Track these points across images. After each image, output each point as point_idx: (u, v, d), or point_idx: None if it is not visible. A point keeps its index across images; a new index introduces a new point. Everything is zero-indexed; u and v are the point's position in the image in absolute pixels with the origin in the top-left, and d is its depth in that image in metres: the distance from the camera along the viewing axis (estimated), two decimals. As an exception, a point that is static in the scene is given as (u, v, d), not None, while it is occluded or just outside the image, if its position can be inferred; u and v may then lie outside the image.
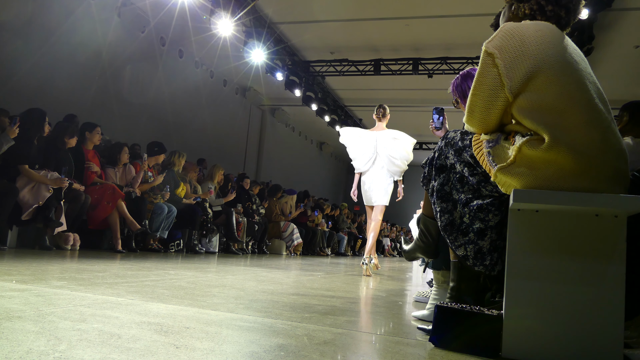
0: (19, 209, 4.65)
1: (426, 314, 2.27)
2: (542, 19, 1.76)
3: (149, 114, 8.83)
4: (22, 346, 1.18)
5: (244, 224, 8.19)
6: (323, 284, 3.78)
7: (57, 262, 3.65)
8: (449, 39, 8.95)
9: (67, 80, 7.08)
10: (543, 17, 1.77)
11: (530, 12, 1.78)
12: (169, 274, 3.42)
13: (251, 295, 2.65)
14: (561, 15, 1.76)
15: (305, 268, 5.74)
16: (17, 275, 2.56)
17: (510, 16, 1.87)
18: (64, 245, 5.04)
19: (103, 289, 2.33)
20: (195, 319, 1.77)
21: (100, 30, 7.61)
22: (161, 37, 9.10)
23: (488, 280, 1.92)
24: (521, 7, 1.81)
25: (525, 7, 1.79)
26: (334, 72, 10.36)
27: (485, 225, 1.77)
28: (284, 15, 8.54)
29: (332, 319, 2.04)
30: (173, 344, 1.36)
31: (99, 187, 5.59)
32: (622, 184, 1.55)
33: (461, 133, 1.86)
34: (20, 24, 6.36)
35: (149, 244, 6.26)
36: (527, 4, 1.79)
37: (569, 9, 1.76)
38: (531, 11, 1.78)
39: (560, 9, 1.75)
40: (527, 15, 1.79)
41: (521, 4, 1.81)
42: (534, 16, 1.78)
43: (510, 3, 1.86)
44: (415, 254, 2.24)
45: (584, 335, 1.49)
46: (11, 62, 6.28)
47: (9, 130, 4.48)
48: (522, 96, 1.61)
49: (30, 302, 1.77)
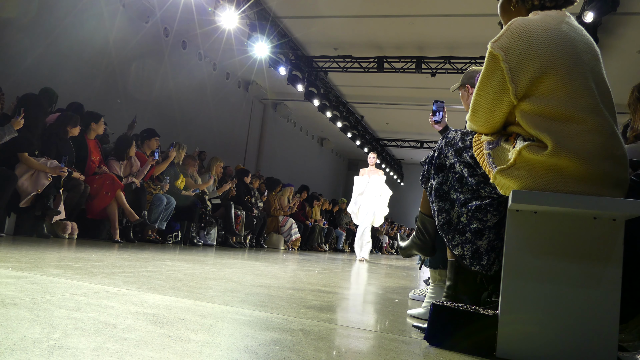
0: (18, 196, 4.64)
1: (422, 312, 2.27)
2: (552, 5, 1.73)
3: (153, 105, 8.82)
4: (17, 333, 1.18)
5: (243, 217, 8.20)
6: (320, 279, 3.79)
7: (55, 250, 3.65)
8: (453, 38, 8.93)
9: (73, 72, 7.08)
10: (552, 2, 1.73)
11: (539, 1, 1.74)
12: (166, 266, 3.42)
13: (247, 288, 2.65)
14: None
15: (302, 263, 5.74)
16: (13, 262, 2.56)
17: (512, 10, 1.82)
18: (62, 233, 5.04)
19: (100, 278, 2.33)
20: (191, 310, 1.77)
21: (105, 21, 7.61)
22: (165, 28, 9.08)
23: (485, 280, 1.92)
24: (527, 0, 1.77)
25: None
26: (337, 68, 10.34)
27: (483, 226, 1.76)
28: (288, 9, 8.52)
29: (328, 315, 2.04)
30: (168, 335, 1.36)
31: (98, 177, 5.59)
32: (622, 189, 1.55)
33: (462, 133, 1.85)
34: (26, 16, 6.34)
35: (147, 234, 6.27)
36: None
37: None
38: (540, 0, 1.74)
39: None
40: (535, 6, 1.75)
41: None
42: (543, 5, 1.74)
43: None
44: (412, 251, 2.24)
45: (579, 337, 1.49)
46: (17, 54, 6.27)
47: (13, 121, 4.48)
48: (526, 100, 1.60)
49: (26, 290, 1.77)
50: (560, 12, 1.70)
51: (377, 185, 8.54)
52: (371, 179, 8.55)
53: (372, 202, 8.48)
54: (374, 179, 8.55)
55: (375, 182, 8.54)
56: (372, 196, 8.48)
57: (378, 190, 8.52)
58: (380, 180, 8.54)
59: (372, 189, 8.50)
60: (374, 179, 8.55)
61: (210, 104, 10.65)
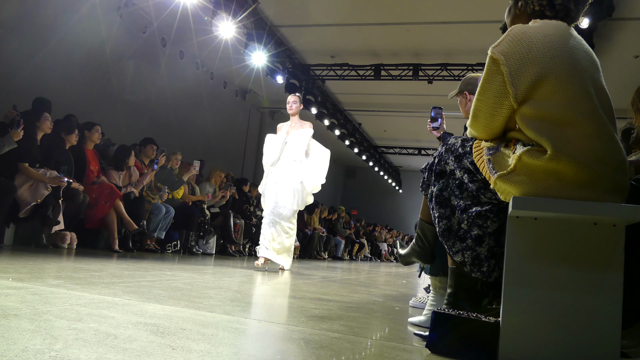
0: (17, 206, 4.64)
1: (423, 320, 2.27)
2: (552, 14, 1.73)
3: (150, 114, 8.83)
4: (18, 344, 1.18)
5: (242, 226, 8.18)
6: (320, 287, 3.78)
7: (54, 260, 3.64)
8: (449, 45, 8.97)
9: (69, 81, 7.08)
10: (552, 11, 1.74)
11: (540, 7, 1.75)
12: (166, 275, 3.41)
13: (248, 297, 2.64)
14: (570, 8, 1.73)
15: (301, 272, 5.73)
16: (13, 273, 2.55)
17: (516, 13, 1.83)
18: (61, 243, 5.03)
19: (100, 288, 2.33)
20: (192, 320, 1.76)
21: (103, 31, 7.63)
22: (162, 38, 9.12)
23: (485, 287, 1.92)
24: (529, 3, 1.77)
25: (535, 3, 1.75)
26: (334, 76, 10.37)
27: (484, 232, 1.76)
28: (284, 18, 8.56)
29: (329, 323, 2.04)
30: (169, 345, 1.35)
31: (97, 186, 5.59)
32: (622, 195, 1.55)
33: (462, 140, 1.86)
34: (22, 25, 6.36)
35: (146, 244, 6.25)
36: (536, 0, 1.75)
37: (577, 0, 1.74)
38: (540, 7, 1.75)
39: (569, 1, 1.73)
40: (536, 11, 1.76)
41: (529, 0, 1.77)
42: (543, 12, 1.74)
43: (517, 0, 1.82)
44: (411, 259, 2.23)
45: (581, 344, 1.49)
46: (13, 63, 6.28)
47: (13, 132, 4.48)
48: (526, 104, 1.60)
49: (27, 301, 1.76)
50: (560, 22, 1.72)
51: (300, 145, 5.25)
52: (290, 136, 5.32)
53: (291, 172, 5.21)
54: (296, 137, 5.30)
55: (296, 140, 5.28)
56: (290, 163, 5.23)
57: (301, 150, 5.25)
58: (305, 136, 5.30)
59: (291, 151, 5.25)
60: (296, 136, 5.31)
61: (208, 112, 10.67)
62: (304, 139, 5.27)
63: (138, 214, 5.87)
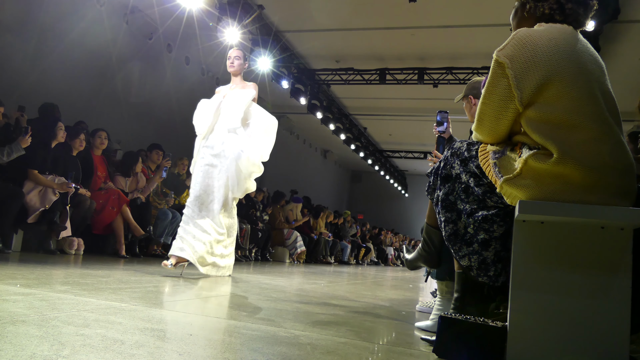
0: (25, 212, 4.66)
1: (430, 325, 2.26)
2: (561, 18, 1.73)
3: (156, 119, 8.87)
4: (26, 350, 1.18)
5: (247, 230, 8.19)
6: (326, 292, 3.77)
7: (61, 266, 3.65)
8: (454, 49, 8.96)
9: (75, 86, 7.13)
10: (562, 15, 1.73)
11: (550, 11, 1.74)
12: (173, 280, 3.42)
13: (254, 302, 2.64)
14: (579, 13, 1.73)
15: (308, 276, 5.73)
16: (21, 279, 2.56)
17: (523, 16, 1.82)
18: (68, 249, 5.05)
19: (107, 294, 2.33)
20: (199, 326, 1.77)
21: (109, 38, 7.69)
22: (168, 44, 9.17)
23: (492, 291, 1.91)
24: (539, 6, 1.76)
25: (545, 7, 1.74)
26: (340, 80, 10.39)
27: (490, 236, 1.76)
28: (290, 24, 8.59)
29: (336, 328, 2.03)
30: (176, 350, 1.36)
31: (104, 192, 5.61)
32: (629, 198, 1.54)
33: (467, 144, 1.85)
34: (29, 31, 6.43)
35: (153, 249, 6.26)
36: (546, 3, 1.74)
37: (587, 5, 1.74)
38: (550, 10, 1.74)
39: (579, 6, 1.73)
40: (545, 15, 1.75)
41: (539, 3, 1.76)
42: (552, 15, 1.74)
43: (524, 2, 1.81)
44: (417, 263, 2.23)
45: (589, 349, 1.48)
46: (20, 68, 6.34)
47: (21, 139, 4.52)
48: (531, 108, 1.60)
49: (34, 307, 1.77)
50: (565, 26, 1.71)
51: (237, 107, 4.11)
52: (226, 100, 4.20)
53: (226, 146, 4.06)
54: (233, 97, 4.20)
55: (234, 101, 4.16)
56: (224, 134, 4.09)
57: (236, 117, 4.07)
58: (244, 98, 4.19)
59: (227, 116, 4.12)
60: (233, 96, 4.21)
61: (214, 117, 10.69)
62: (242, 102, 4.10)
63: (145, 220, 5.88)
